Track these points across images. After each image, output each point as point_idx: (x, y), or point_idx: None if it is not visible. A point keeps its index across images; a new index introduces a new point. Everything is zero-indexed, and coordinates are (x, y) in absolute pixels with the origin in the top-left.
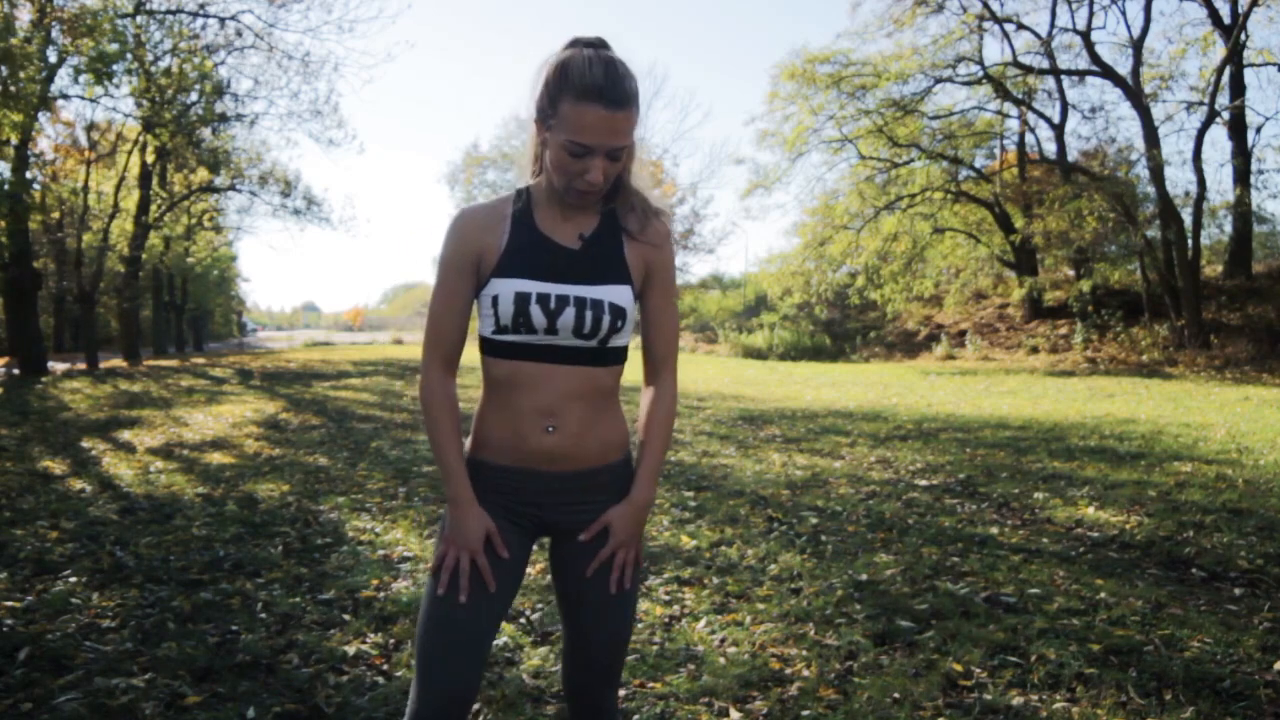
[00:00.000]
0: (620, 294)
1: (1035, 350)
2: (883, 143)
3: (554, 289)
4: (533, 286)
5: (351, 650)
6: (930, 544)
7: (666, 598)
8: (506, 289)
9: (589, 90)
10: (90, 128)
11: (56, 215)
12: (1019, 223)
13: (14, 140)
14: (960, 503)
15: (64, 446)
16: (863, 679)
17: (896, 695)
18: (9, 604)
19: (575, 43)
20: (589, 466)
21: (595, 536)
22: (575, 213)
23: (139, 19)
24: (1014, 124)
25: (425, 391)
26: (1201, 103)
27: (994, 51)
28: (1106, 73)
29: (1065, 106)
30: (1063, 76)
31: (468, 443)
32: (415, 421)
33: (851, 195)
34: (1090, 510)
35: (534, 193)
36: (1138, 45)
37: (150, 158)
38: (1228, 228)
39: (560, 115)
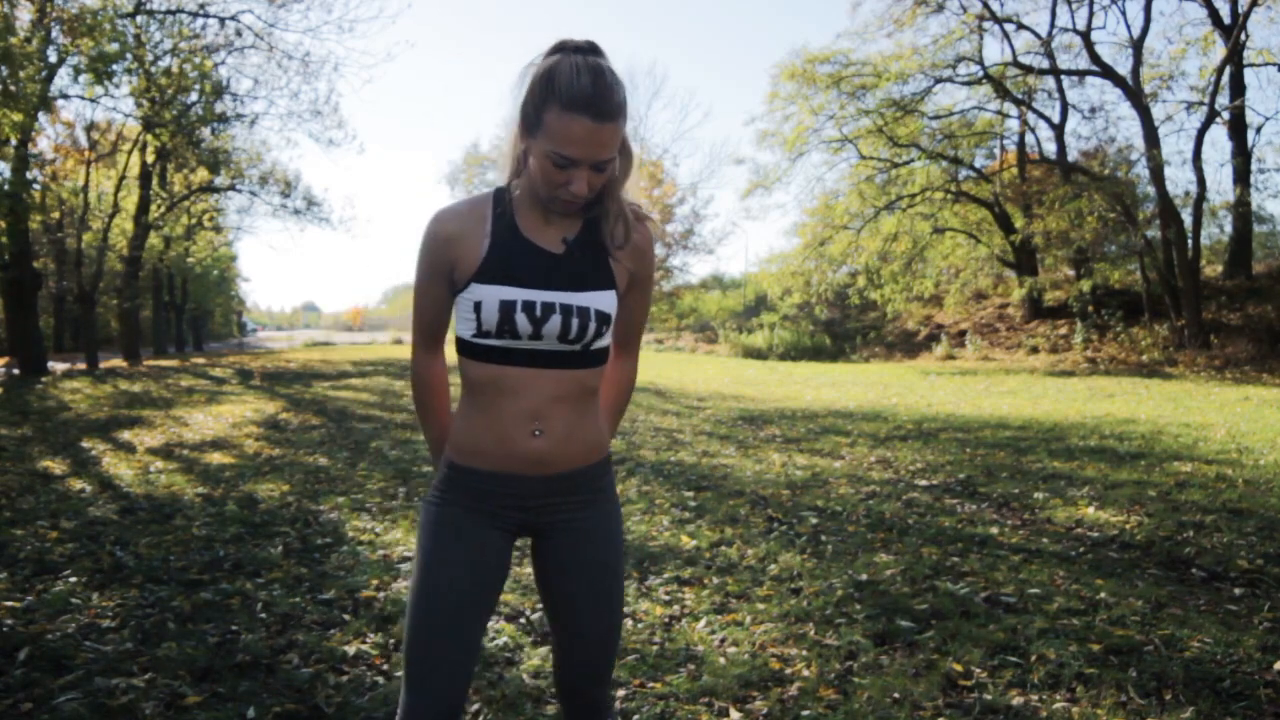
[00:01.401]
0: (605, 300)
1: (1035, 350)
2: (883, 143)
3: (540, 296)
4: (518, 294)
5: (351, 650)
6: (930, 544)
7: (666, 598)
8: (490, 296)
9: (576, 101)
10: (90, 128)
11: (56, 215)
12: (1019, 223)
13: (14, 140)
14: (960, 503)
15: (64, 446)
16: (863, 679)
17: (896, 695)
18: (9, 604)
19: (563, 47)
20: (573, 468)
21: (578, 534)
22: (557, 216)
23: (139, 19)
24: (1014, 124)
25: (415, 368)
26: (1201, 103)
27: (994, 51)
28: (1106, 73)
29: (1065, 106)
30: (1063, 76)
31: (447, 448)
32: (415, 421)
33: (851, 195)
34: (1090, 510)
35: (514, 194)
36: (1138, 45)
37: (150, 158)
38: (1228, 228)
39: (545, 125)
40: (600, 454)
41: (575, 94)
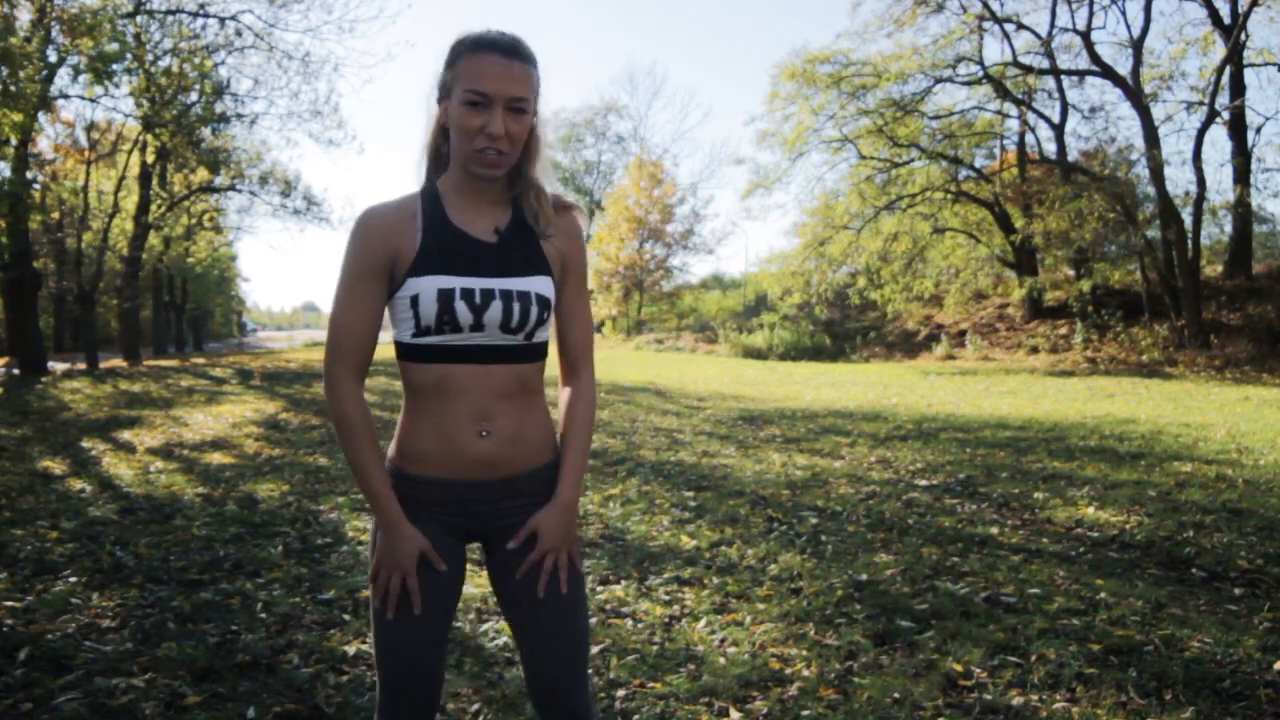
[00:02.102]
0: (543, 284)
1: (1035, 350)
2: (883, 143)
3: (477, 283)
4: (455, 282)
5: (351, 650)
6: (930, 544)
7: (666, 598)
8: (428, 286)
9: (484, 42)
10: (90, 128)
11: (56, 215)
12: (1019, 223)
13: (14, 140)
14: (960, 503)
15: (64, 446)
16: (863, 679)
17: (896, 695)
18: (9, 604)
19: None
20: (521, 471)
21: (527, 540)
22: (487, 206)
23: (139, 19)
24: (1014, 124)
25: (340, 406)
26: (1201, 103)
27: (994, 51)
28: (1106, 73)
29: (1065, 106)
30: (1063, 76)
31: (391, 453)
32: None
33: (851, 195)
34: (1090, 510)
35: (441, 189)
36: (1138, 45)
37: (150, 158)
38: (1228, 228)
39: (458, 73)
40: (548, 456)
41: (483, 38)
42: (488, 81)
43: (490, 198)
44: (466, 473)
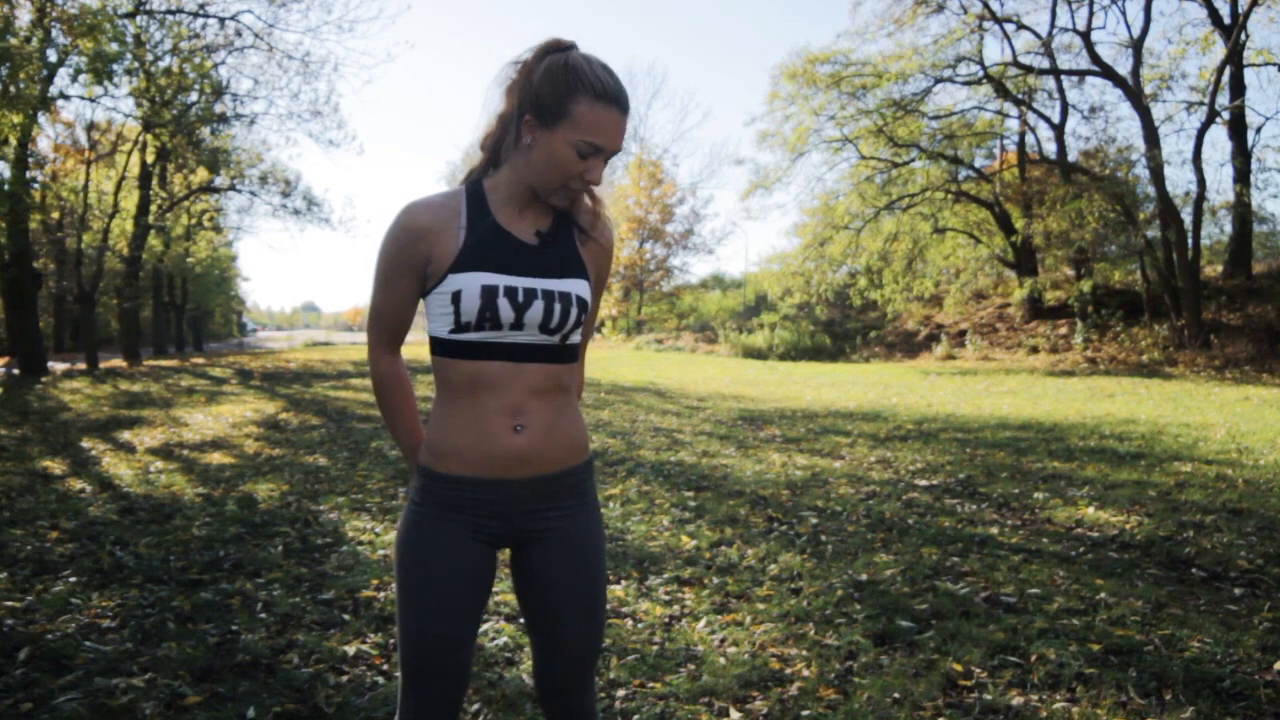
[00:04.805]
0: (581, 287)
1: (1035, 350)
2: (883, 143)
3: (521, 282)
4: (499, 280)
5: (351, 650)
6: (930, 544)
7: (666, 598)
8: (471, 283)
9: (608, 93)
10: (90, 128)
11: (56, 215)
12: (1019, 223)
13: (14, 140)
14: (960, 503)
15: (64, 446)
16: (863, 679)
17: (896, 695)
18: (9, 604)
19: (560, 46)
20: (556, 470)
21: (563, 547)
22: (530, 209)
23: (139, 19)
24: (1014, 124)
25: (375, 369)
26: (1201, 103)
27: (994, 51)
28: (1106, 73)
29: (1065, 106)
30: (1063, 76)
31: (421, 455)
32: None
33: (852, 195)
34: (1090, 510)
35: (488, 188)
36: (1138, 45)
37: (150, 158)
38: (1228, 228)
39: (575, 115)
40: (582, 455)
41: (607, 87)
42: (605, 137)
43: (535, 201)
44: (499, 469)
